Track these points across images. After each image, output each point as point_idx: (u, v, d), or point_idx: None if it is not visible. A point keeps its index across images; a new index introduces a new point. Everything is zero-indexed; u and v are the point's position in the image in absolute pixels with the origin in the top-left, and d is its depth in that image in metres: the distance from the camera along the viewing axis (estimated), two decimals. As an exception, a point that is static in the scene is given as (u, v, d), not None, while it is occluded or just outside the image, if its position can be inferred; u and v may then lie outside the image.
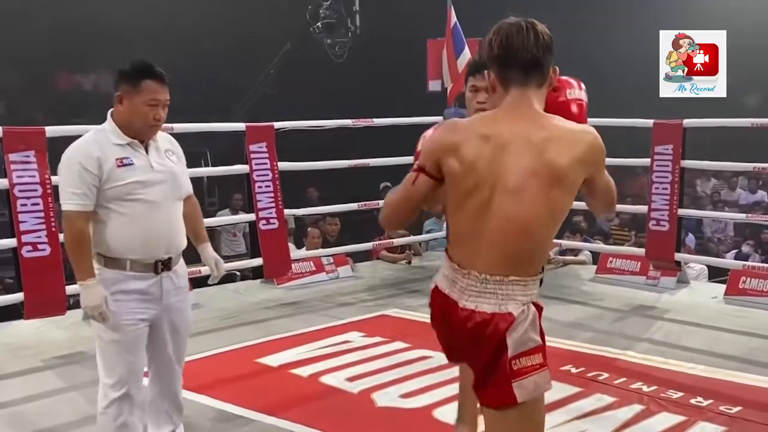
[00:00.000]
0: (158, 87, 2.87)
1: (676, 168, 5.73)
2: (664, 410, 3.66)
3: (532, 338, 2.00)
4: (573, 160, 1.98)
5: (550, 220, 2.01)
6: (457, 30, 6.91)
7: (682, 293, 5.82)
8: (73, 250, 2.83)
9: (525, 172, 1.97)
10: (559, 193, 1.98)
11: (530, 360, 1.99)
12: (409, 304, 5.62)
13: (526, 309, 2.00)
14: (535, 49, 2.02)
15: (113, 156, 2.83)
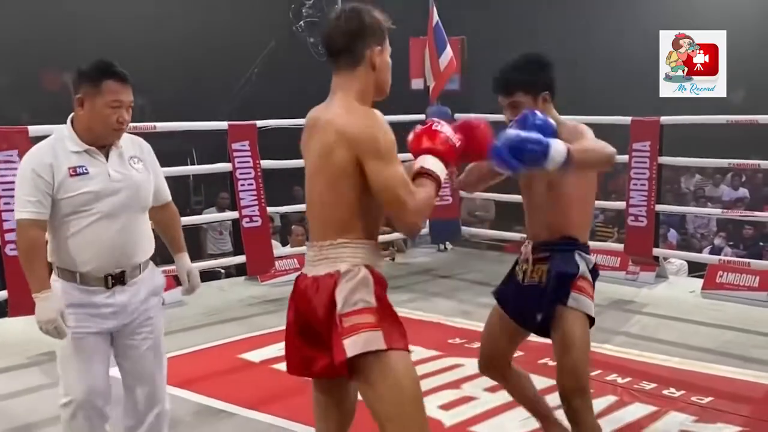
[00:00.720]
0: (121, 88, 2.67)
1: (654, 164, 5.82)
2: (636, 401, 3.75)
3: (363, 299, 2.08)
4: (335, 135, 2.11)
5: (339, 197, 2.13)
6: (439, 29, 6.97)
7: (660, 288, 5.92)
8: (25, 259, 2.63)
9: (315, 153, 2.18)
10: (332, 170, 2.12)
11: (361, 318, 2.06)
12: (392, 299, 5.51)
13: (356, 270, 2.11)
14: (340, 35, 2.17)
15: (66, 164, 2.63)
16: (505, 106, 2.76)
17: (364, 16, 2.18)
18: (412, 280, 6.36)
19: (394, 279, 6.34)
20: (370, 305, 2.08)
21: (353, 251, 2.13)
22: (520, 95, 2.72)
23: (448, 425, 3.50)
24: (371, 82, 2.20)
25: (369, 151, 2.07)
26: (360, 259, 2.12)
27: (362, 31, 2.17)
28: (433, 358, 4.34)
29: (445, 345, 4.57)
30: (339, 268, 2.11)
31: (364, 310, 2.07)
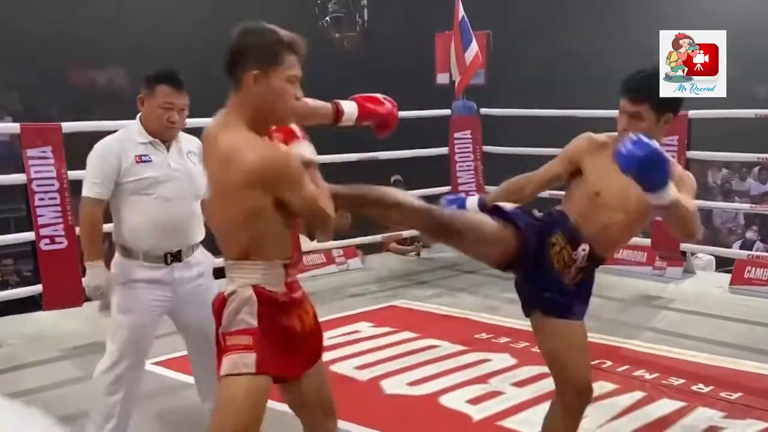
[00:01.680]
0: (172, 92, 3.04)
1: (682, 159, 5.77)
2: (664, 396, 3.74)
3: (243, 320, 2.09)
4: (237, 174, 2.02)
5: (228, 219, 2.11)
6: (465, 23, 6.95)
7: (687, 283, 5.88)
8: (84, 233, 3.07)
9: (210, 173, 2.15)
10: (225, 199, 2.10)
11: (239, 339, 2.09)
12: (418, 294, 5.72)
13: (241, 291, 2.10)
14: (227, 54, 2.10)
15: (133, 152, 3.02)
16: (625, 113, 2.53)
17: (248, 35, 2.08)
18: (438, 275, 6.37)
19: (419, 274, 6.37)
20: (251, 326, 2.09)
21: (244, 272, 2.12)
22: (647, 108, 2.52)
23: (476, 419, 3.53)
24: (254, 106, 2.08)
25: (280, 184, 2.04)
26: (250, 279, 2.11)
27: (243, 51, 2.07)
28: (460, 353, 4.37)
29: (472, 340, 4.59)
30: (227, 289, 2.14)
31: (243, 331, 2.09)
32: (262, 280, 2.11)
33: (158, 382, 4.06)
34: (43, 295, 4.75)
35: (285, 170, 2.04)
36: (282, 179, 2.03)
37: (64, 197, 4.77)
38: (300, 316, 2.20)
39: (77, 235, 4.83)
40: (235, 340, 2.09)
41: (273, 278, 2.13)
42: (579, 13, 12.90)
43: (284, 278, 2.16)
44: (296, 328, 2.18)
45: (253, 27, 2.09)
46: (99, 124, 6.54)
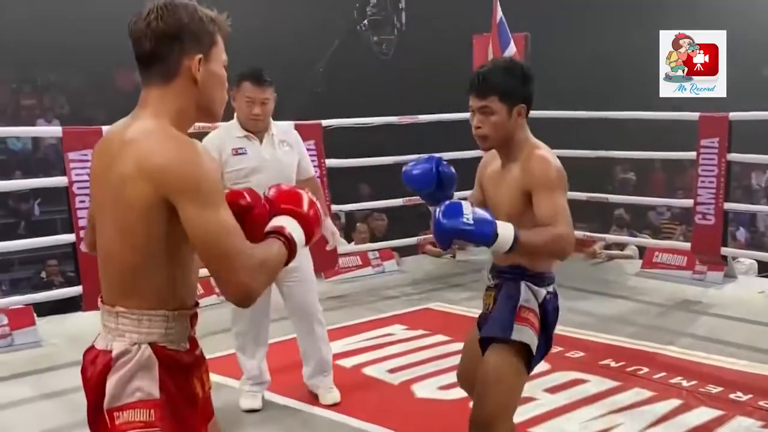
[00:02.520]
0: (253, 87, 3.44)
1: (723, 161, 5.68)
2: (702, 405, 3.68)
3: (141, 388, 1.62)
4: (136, 172, 1.57)
5: (127, 246, 1.62)
6: (503, 25, 6.92)
7: (728, 288, 5.78)
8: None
9: (106, 187, 1.64)
10: (124, 212, 1.60)
11: (136, 415, 1.61)
12: (452, 297, 5.70)
13: (136, 349, 1.63)
14: (149, 37, 1.64)
15: (231, 146, 3.47)
16: (475, 110, 2.46)
17: (182, 14, 1.64)
18: (473, 278, 6.34)
19: (454, 277, 6.36)
20: (151, 397, 1.62)
21: (134, 325, 1.64)
22: (495, 100, 2.41)
23: (508, 425, 3.50)
24: (192, 99, 1.68)
25: (181, 189, 1.56)
26: (143, 336, 1.64)
27: (179, 34, 1.64)
28: None
29: (506, 344, 4.56)
30: (111, 347, 1.64)
31: (140, 403, 1.62)
32: (163, 336, 1.65)
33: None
34: (83, 295, 4.85)
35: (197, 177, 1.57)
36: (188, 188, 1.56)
37: (104, 200, 4.86)
38: (201, 377, 1.77)
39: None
40: (130, 416, 1.61)
41: (176, 333, 1.68)
42: (619, 14, 12.76)
43: (188, 332, 1.72)
44: (199, 393, 1.75)
45: (178, 3, 1.66)
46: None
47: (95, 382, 1.65)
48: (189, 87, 1.67)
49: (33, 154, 11.74)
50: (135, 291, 1.64)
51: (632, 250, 6.84)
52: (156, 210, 1.58)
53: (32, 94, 12.87)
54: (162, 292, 1.65)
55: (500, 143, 2.48)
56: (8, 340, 4.66)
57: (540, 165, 2.39)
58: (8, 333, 4.67)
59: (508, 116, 2.43)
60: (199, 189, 1.56)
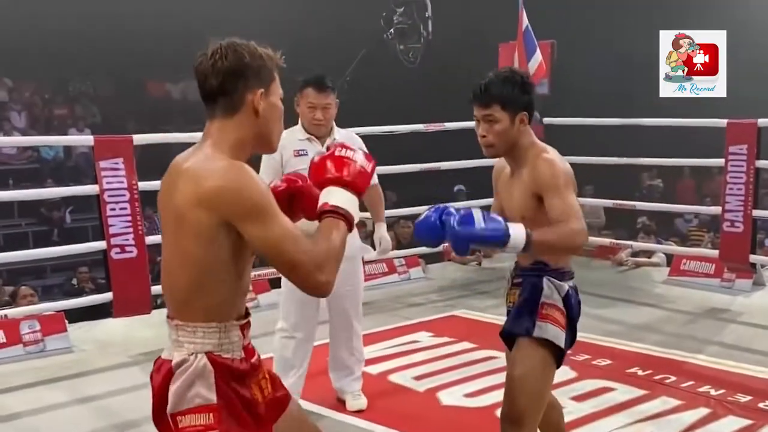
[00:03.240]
0: (316, 94, 3.60)
1: (751, 168, 5.63)
2: (730, 414, 3.65)
3: (199, 394, 1.76)
4: (192, 198, 1.73)
5: (185, 267, 1.78)
6: (529, 33, 6.92)
7: (757, 296, 5.71)
8: None
9: (170, 210, 1.80)
10: (182, 235, 1.76)
11: (196, 419, 1.75)
12: (478, 305, 5.70)
13: (193, 359, 1.78)
14: (215, 74, 1.81)
15: (293, 147, 3.60)
16: (479, 119, 2.56)
17: (244, 53, 1.81)
18: (499, 285, 6.29)
19: (480, 284, 6.36)
20: (209, 402, 1.76)
21: (190, 337, 1.79)
22: (498, 109, 2.52)
23: (534, 433, 3.50)
24: (253, 131, 1.83)
25: (240, 212, 1.71)
26: (198, 346, 1.78)
27: (243, 71, 1.80)
28: None
29: (532, 352, 4.55)
30: (172, 357, 1.80)
31: (200, 408, 1.76)
32: (216, 345, 1.80)
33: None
34: (113, 302, 4.92)
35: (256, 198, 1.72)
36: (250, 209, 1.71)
37: (134, 208, 4.93)
38: (259, 384, 1.89)
39: (146, 245, 5.03)
40: (192, 420, 1.75)
41: (230, 343, 1.82)
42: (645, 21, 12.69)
43: (242, 341, 1.85)
44: (258, 397, 1.86)
45: (241, 44, 1.84)
46: (170, 136, 6.79)
47: (159, 388, 1.80)
48: (250, 119, 1.82)
49: (65, 162, 11.92)
50: (190, 306, 1.79)
51: (659, 258, 6.80)
52: (214, 233, 1.73)
53: (64, 104, 13.08)
54: (215, 306, 1.79)
55: (506, 150, 2.58)
56: (40, 346, 4.75)
57: (547, 168, 2.47)
58: (40, 339, 4.76)
59: (511, 124, 2.53)
60: (255, 208, 1.71)
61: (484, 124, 2.55)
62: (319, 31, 12.40)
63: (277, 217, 1.73)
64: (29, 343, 4.73)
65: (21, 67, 12.25)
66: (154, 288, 5.25)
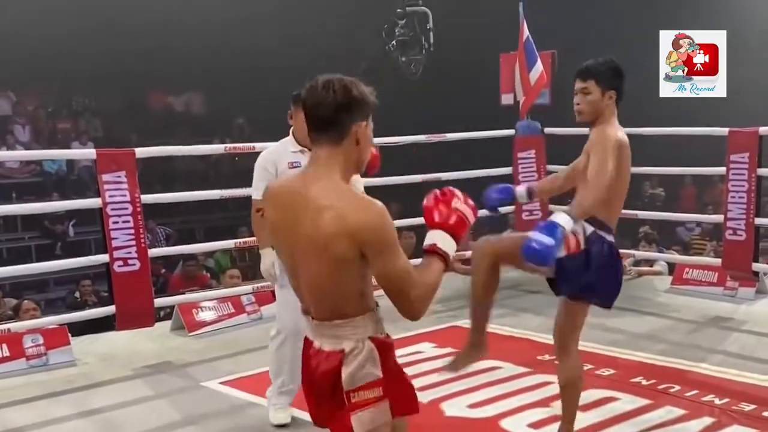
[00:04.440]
0: None
1: (753, 176, 5.63)
2: (735, 423, 3.65)
3: (370, 372, 2.08)
4: (340, 230, 1.99)
5: (337, 285, 2.07)
6: (530, 43, 6.95)
7: (760, 304, 5.71)
8: (255, 227, 3.86)
9: (305, 233, 2.05)
10: (327, 258, 2.03)
11: (368, 393, 2.07)
12: (482, 315, 5.69)
13: (360, 345, 2.09)
14: (328, 107, 2.05)
15: (287, 160, 3.71)
16: (577, 91, 3.17)
17: (353, 89, 2.07)
18: (502, 295, 6.26)
19: (485, 295, 6.34)
20: (377, 377, 2.08)
21: (354, 329, 2.10)
22: (593, 84, 3.14)
23: (538, 444, 3.50)
24: (353, 157, 2.12)
25: (375, 246, 2.01)
26: (361, 333, 2.10)
27: (351, 105, 2.06)
28: (522, 374, 4.34)
29: (535, 362, 4.55)
30: (344, 347, 2.09)
31: (371, 384, 2.08)
32: (371, 330, 2.12)
33: (225, 401, 4.17)
34: (116, 315, 4.93)
35: (385, 235, 2.03)
36: (379, 244, 2.02)
37: (137, 220, 4.95)
38: (395, 356, 2.22)
39: (149, 257, 5.05)
40: (364, 394, 2.07)
41: (380, 325, 2.16)
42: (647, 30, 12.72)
43: (381, 320, 2.18)
44: (399, 366, 2.21)
45: (352, 81, 2.10)
46: (172, 149, 6.82)
47: (330, 374, 2.09)
48: (352, 147, 2.10)
49: (68, 175, 11.94)
50: (346, 307, 2.10)
51: (661, 266, 6.80)
52: (353, 257, 2.02)
53: (68, 118, 13.12)
54: (362, 302, 2.12)
55: (592, 118, 3.16)
56: (43, 360, 4.75)
57: (599, 134, 3.12)
58: (44, 352, 4.77)
59: (601, 97, 3.14)
60: (385, 244, 2.02)
61: (580, 95, 3.16)
62: (321, 44, 12.45)
63: (399, 253, 2.05)
64: (32, 357, 4.74)
65: (24, 81, 12.30)
66: (157, 301, 5.26)
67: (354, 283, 2.07)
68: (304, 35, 12.47)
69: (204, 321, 5.44)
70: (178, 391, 4.35)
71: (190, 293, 6.30)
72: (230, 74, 12.43)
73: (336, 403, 2.09)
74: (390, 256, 2.02)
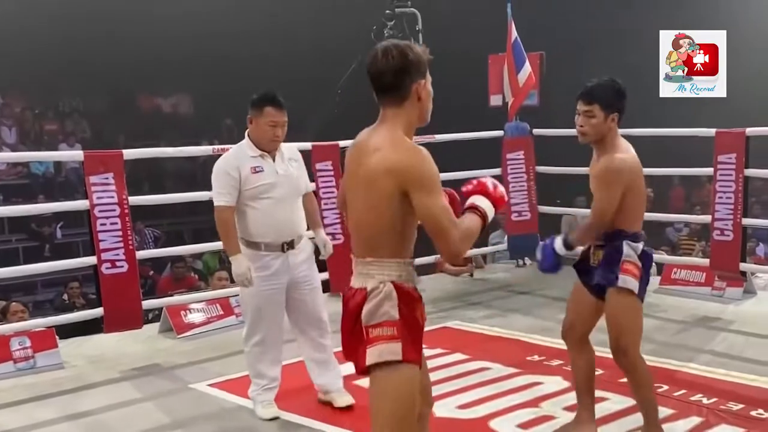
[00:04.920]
0: (276, 112, 3.71)
1: (740, 177, 5.66)
2: (723, 422, 3.66)
3: (387, 312, 2.29)
4: (383, 169, 2.27)
5: (375, 217, 2.32)
6: (518, 45, 6.96)
7: (748, 304, 5.73)
8: (222, 234, 3.75)
9: (360, 177, 2.34)
10: (373, 195, 2.30)
11: (384, 331, 2.29)
12: (470, 316, 5.71)
13: (382, 286, 2.30)
14: (388, 72, 2.31)
15: (248, 165, 3.70)
16: (580, 113, 3.24)
17: (408, 52, 2.31)
18: (491, 296, 6.36)
19: (472, 295, 6.36)
20: (393, 318, 2.29)
21: (380, 269, 2.32)
22: (597, 108, 3.21)
23: (527, 444, 3.50)
24: (416, 113, 2.37)
25: (414, 183, 2.24)
26: (387, 276, 2.32)
27: (409, 68, 2.31)
28: (512, 375, 4.35)
29: (524, 362, 4.56)
30: (367, 286, 2.32)
31: (386, 323, 2.29)
32: (397, 275, 2.32)
33: (214, 403, 4.15)
34: (103, 317, 4.90)
35: (425, 173, 2.26)
36: (417, 180, 2.25)
37: (125, 222, 4.93)
38: (421, 311, 2.40)
39: (137, 260, 5.03)
40: (380, 331, 2.29)
41: (407, 275, 2.36)
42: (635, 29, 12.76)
43: (414, 276, 2.39)
44: (420, 321, 2.38)
45: (407, 44, 2.35)
46: (159, 151, 6.80)
47: (355, 309, 2.33)
48: (414, 104, 2.36)
49: (55, 177, 11.88)
50: (379, 246, 2.32)
51: (651, 267, 6.80)
52: (395, 195, 2.26)
53: (55, 119, 13.06)
54: (395, 246, 2.32)
55: (595, 140, 3.27)
56: (31, 363, 4.72)
57: (604, 162, 3.23)
58: (31, 355, 4.74)
59: (605, 121, 3.22)
60: (425, 183, 2.24)
61: (583, 117, 3.24)
62: (309, 44, 12.44)
63: (440, 194, 2.27)
64: (20, 360, 4.70)
65: (11, 82, 12.23)
66: (145, 303, 5.24)
67: (392, 220, 2.29)
68: (293, 36, 12.47)
69: (192, 323, 5.42)
70: (167, 393, 4.33)
71: (178, 295, 6.28)
72: (218, 75, 12.41)
73: (359, 337, 2.33)
74: (431, 194, 2.24)
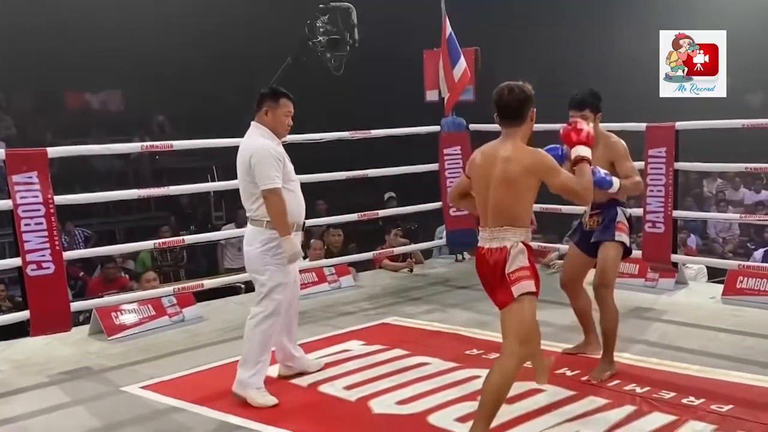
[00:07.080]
0: (290, 103, 4.09)
1: (670, 170, 5.78)
2: (655, 410, 3.71)
3: (521, 260, 3.26)
4: (521, 167, 3.27)
5: (514, 201, 3.29)
6: (453, 40, 6.97)
7: (680, 294, 5.87)
8: (281, 216, 3.94)
9: (497, 175, 3.30)
10: (514, 188, 3.28)
11: (520, 273, 3.25)
12: (410, 311, 5.70)
13: (516, 244, 3.27)
14: (515, 103, 3.28)
15: (283, 154, 4.03)
16: (575, 118, 3.95)
17: (525, 90, 3.30)
18: (430, 291, 6.36)
19: (412, 291, 6.36)
20: (526, 265, 3.26)
21: (514, 233, 3.27)
22: (588, 111, 4.17)
23: (465, 438, 3.49)
24: (529, 129, 3.35)
25: (546, 172, 3.28)
26: (519, 237, 3.27)
27: (527, 101, 3.30)
28: (450, 369, 4.35)
29: (463, 356, 4.56)
30: (506, 245, 3.26)
31: (523, 267, 3.25)
32: (523, 237, 3.29)
33: (146, 406, 4.04)
34: (30, 320, 4.73)
35: (549, 164, 3.30)
36: (548, 170, 3.29)
37: (50, 222, 4.76)
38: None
39: (64, 260, 4.86)
40: (520, 273, 3.24)
41: (528, 236, 3.34)
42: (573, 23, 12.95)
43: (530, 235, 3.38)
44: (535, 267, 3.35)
45: (521, 84, 3.31)
46: (85, 149, 6.58)
47: (500, 262, 3.27)
48: (528, 125, 3.34)
49: (-22, 177, 11.45)
50: (515, 219, 3.28)
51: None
52: (533, 184, 3.30)
53: (-23, 116, 12.58)
54: (524, 218, 3.32)
55: None
56: (-47, 368, 4.53)
57: (620, 146, 4.25)
58: (-47, 361, 4.54)
59: (594, 121, 4.15)
60: (551, 170, 3.29)
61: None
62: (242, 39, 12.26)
63: (561, 171, 3.33)
64: (-59, 366, 4.50)
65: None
66: (73, 305, 5.09)
67: (527, 202, 3.31)
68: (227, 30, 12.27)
69: (124, 324, 5.28)
70: (97, 396, 4.20)
71: (108, 296, 6.10)
72: (149, 71, 12.13)
73: (503, 281, 3.25)
74: (558, 174, 3.29)
